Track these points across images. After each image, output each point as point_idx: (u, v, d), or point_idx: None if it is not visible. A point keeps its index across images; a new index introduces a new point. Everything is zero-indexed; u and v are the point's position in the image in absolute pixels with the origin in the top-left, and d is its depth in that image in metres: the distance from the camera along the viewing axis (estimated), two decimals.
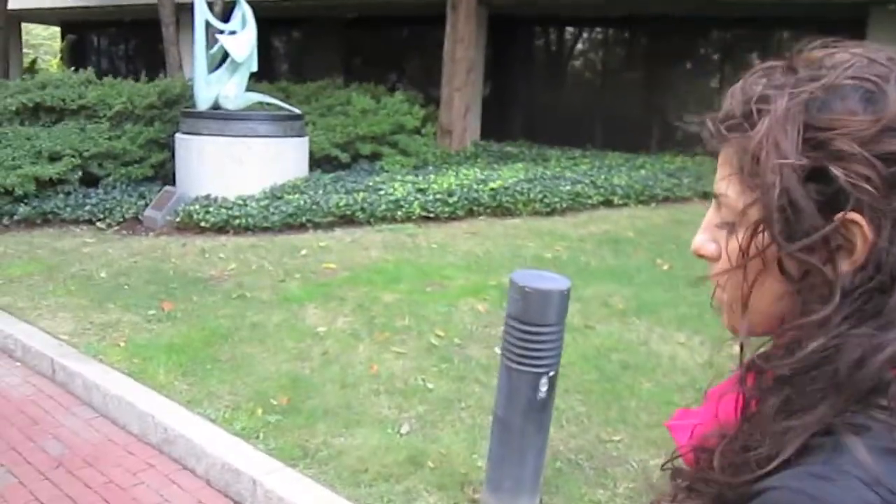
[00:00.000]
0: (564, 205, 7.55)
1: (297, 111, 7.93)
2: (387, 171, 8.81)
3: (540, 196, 7.45)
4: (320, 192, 7.23)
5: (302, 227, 6.84)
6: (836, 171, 0.58)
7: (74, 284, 5.55)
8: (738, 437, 0.63)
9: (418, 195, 7.24)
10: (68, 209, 7.32)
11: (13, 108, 7.94)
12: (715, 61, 14.52)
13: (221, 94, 7.43)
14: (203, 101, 7.43)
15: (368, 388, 3.88)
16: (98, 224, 7.26)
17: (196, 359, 4.26)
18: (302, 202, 6.86)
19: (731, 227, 0.66)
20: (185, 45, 17.04)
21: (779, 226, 0.60)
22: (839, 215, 0.58)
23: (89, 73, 8.42)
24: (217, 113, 7.40)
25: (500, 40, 14.79)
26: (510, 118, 15.33)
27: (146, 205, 7.45)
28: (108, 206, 7.37)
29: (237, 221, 6.73)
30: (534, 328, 2.64)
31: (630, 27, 14.62)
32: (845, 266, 0.59)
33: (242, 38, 7.38)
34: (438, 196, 7.18)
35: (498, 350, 4.27)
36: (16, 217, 7.25)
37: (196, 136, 7.32)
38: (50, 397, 4.16)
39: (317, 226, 6.86)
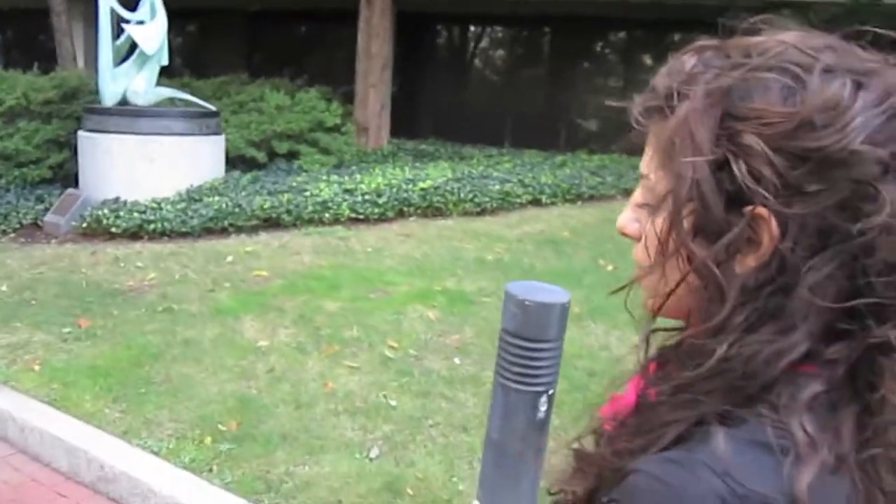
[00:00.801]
0: (494, 204, 7.42)
1: (212, 108, 7.45)
2: (306, 171, 8.43)
3: (470, 196, 7.28)
4: (241, 193, 6.81)
5: (224, 232, 6.41)
6: (736, 166, 0.57)
7: None
8: (629, 424, 0.65)
9: (346, 196, 6.93)
10: None
11: None
12: (618, 61, 14.84)
13: (130, 89, 6.87)
14: (109, 97, 6.85)
15: (325, 408, 3.59)
16: None
17: (126, 382, 3.84)
18: (223, 205, 6.43)
19: (651, 209, 0.66)
20: (75, 37, 16.01)
21: (688, 220, 0.60)
22: (748, 209, 0.57)
23: None
24: (126, 109, 6.84)
25: (406, 37, 14.58)
26: (419, 116, 15.15)
27: (46, 209, 6.81)
28: (2, 211, 6.69)
29: (152, 226, 6.24)
30: (534, 344, 2.43)
31: (538, 26, 14.72)
32: (751, 262, 0.59)
33: (152, 29, 6.85)
34: (367, 197, 6.90)
35: (458, 360, 4.09)
36: None
37: (102, 134, 6.74)
38: None
39: (240, 230, 6.44)
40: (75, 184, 7.22)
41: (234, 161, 8.21)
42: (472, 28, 15.91)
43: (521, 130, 14.17)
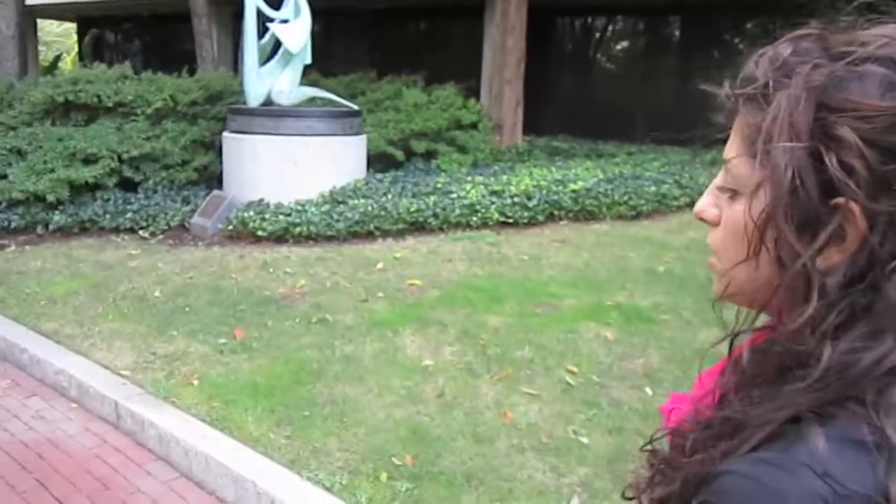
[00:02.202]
0: (650, 207, 6.86)
1: (355, 107, 7.23)
2: (444, 171, 8.12)
3: (625, 198, 6.75)
4: (388, 195, 6.53)
5: (369, 236, 6.16)
6: (828, 158, 0.56)
7: (127, 306, 4.88)
8: (712, 425, 0.63)
9: (493, 198, 6.54)
10: (108, 216, 6.65)
11: (42, 105, 7.27)
12: (754, 50, 13.70)
13: (275, 89, 6.73)
14: (254, 97, 6.73)
15: (508, 444, 3.19)
16: (141, 233, 6.59)
17: (288, 402, 3.58)
18: (369, 208, 6.17)
19: (733, 194, 0.65)
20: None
21: (785, 210, 0.58)
22: (837, 200, 0.57)
23: (126, 67, 7.73)
24: (270, 110, 6.70)
25: (533, 31, 14.10)
26: (545, 112, 14.62)
27: (192, 211, 6.77)
28: (150, 212, 6.69)
29: (297, 229, 6.05)
30: None
31: (667, 14, 13.88)
32: (835, 256, 0.58)
33: (296, 28, 6.69)
34: (516, 199, 6.49)
35: (649, 391, 3.59)
36: (51, 226, 6.59)
37: (247, 136, 6.63)
38: (117, 450, 3.49)
39: (386, 234, 6.17)
40: (220, 185, 7.17)
41: (372, 160, 7.99)
42: (597, 20, 15.23)
43: (653, 125, 13.41)
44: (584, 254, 5.62)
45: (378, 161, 8.05)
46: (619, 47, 15.77)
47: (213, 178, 7.42)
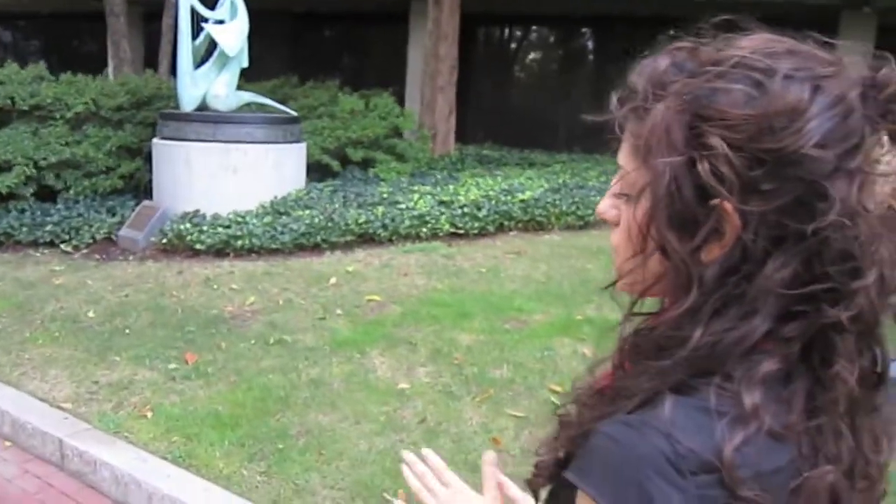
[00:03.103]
0: (597, 217, 6.82)
1: (294, 113, 6.91)
2: (383, 180, 7.89)
3: (572, 208, 6.70)
4: (333, 206, 6.25)
5: (316, 249, 5.87)
6: (700, 165, 0.61)
7: (58, 328, 4.45)
8: (605, 394, 0.72)
9: (442, 209, 6.37)
10: (24, 229, 6.11)
11: None
12: None
13: (210, 93, 6.35)
14: (189, 101, 6.33)
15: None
16: (63, 247, 6.07)
17: (257, 434, 3.29)
18: (315, 219, 5.88)
19: (627, 199, 0.70)
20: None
21: (664, 213, 0.64)
22: (713, 201, 0.62)
23: (41, 67, 7.17)
24: (206, 115, 6.31)
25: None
26: (469, 120, 14.59)
27: (120, 223, 6.31)
28: (73, 224, 6.19)
29: (239, 242, 5.70)
30: None
31: (593, 26, 14.11)
32: (716, 251, 0.64)
33: (234, 29, 6.33)
34: (466, 210, 6.33)
35: None
36: None
37: (181, 142, 6.23)
38: (64, 494, 3.13)
39: (333, 246, 5.89)
40: (148, 195, 6.72)
41: (308, 170, 7.67)
42: (518, 29, 15.35)
43: (576, 133, 13.61)
44: (542, 265, 5.51)
45: (313, 170, 7.74)
46: (540, 57, 15.92)
47: (140, 188, 6.96)
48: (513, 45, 15.83)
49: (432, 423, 3.37)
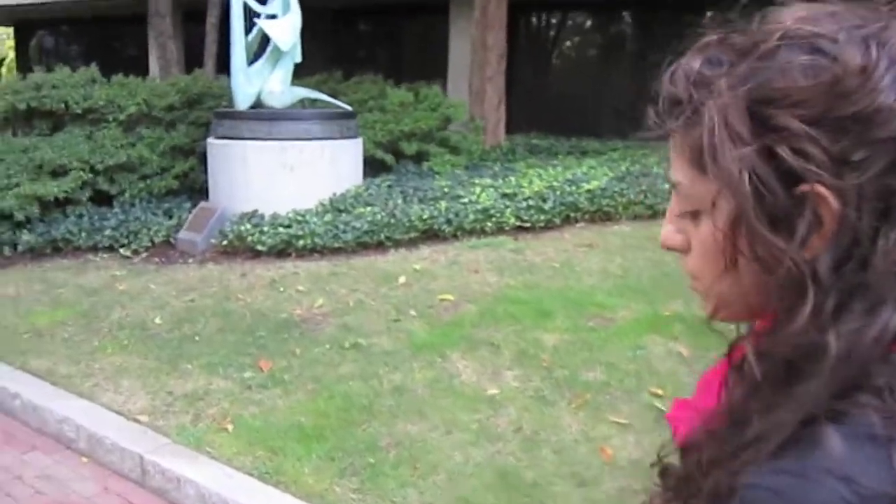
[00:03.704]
0: (665, 206, 6.52)
1: (348, 108, 6.73)
2: (438, 173, 7.68)
3: (640, 197, 6.42)
4: (394, 202, 6.06)
5: (380, 246, 5.68)
6: (781, 150, 0.55)
7: (126, 336, 4.33)
8: (725, 437, 0.60)
9: (506, 202, 6.13)
10: (83, 234, 6.03)
11: (1, 113, 6.59)
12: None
13: (265, 90, 6.20)
14: (243, 99, 6.18)
15: (616, 486, 2.79)
16: (122, 251, 5.98)
17: (345, 447, 3.11)
18: (377, 216, 5.70)
19: (694, 216, 0.64)
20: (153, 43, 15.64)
21: (753, 213, 0.57)
22: (800, 188, 0.55)
23: (93, 70, 7.09)
24: (262, 113, 6.16)
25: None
26: (514, 110, 14.34)
27: (178, 225, 6.20)
28: (131, 228, 6.09)
29: (301, 242, 5.54)
30: None
31: (635, 9, 13.71)
32: (816, 243, 0.56)
33: (286, 23, 6.17)
34: (531, 202, 6.09)
35: None
36: (19, 247, 5.94)
37: (237, 141, 6.08)
38: None
39: (397, 243, 5.70)
40: (204, 195, 6.61)
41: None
42: (560, 15, 15.01)
43: (622, 121, 13.26)
44: (617, 258, 5.26)
45: (367, 165, 7.56)
46: (582, 43, 15.57)
47: (195, 188, 6.85)
48: (552, 32, 15.49)
49: (529, 432, 3.16)
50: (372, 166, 7.64)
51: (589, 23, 15.13)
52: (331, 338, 4.15)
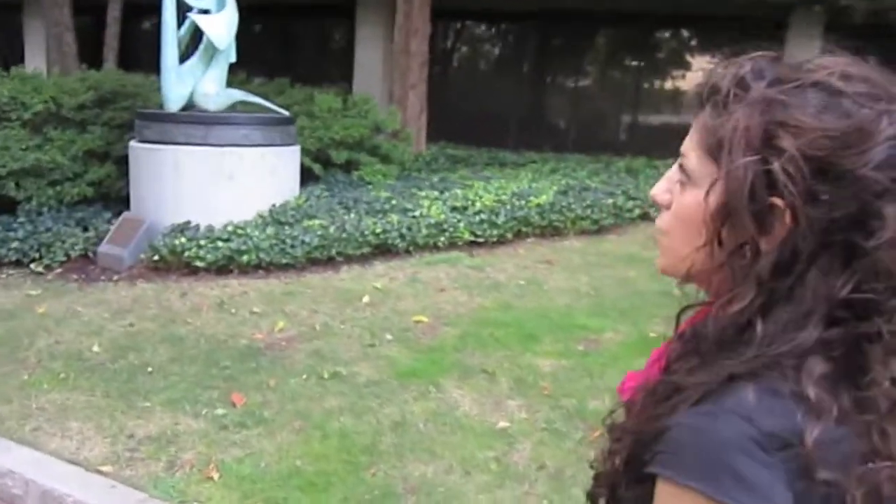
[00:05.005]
0: (610, 221, 6.54)
1: (286, 113, 6.31)
2: (369, 184, 7.37)
3: (587, 212, 6.37)
4: (348, 215, 5.70)
5: (330, 262, 5.32)
6: (775, 166, 0.66)
7: (62, 368, 3.78)
8: (657, 390, 0.73)
9: (457, 216, 5.92)
10: None
11: None
12: (664, 61, 13.78)
13: (199, 92, 5.68)
14: (175, 100, 5.64)
15: None
16: (33, 266, 5.31)
17: (358, 496, 2.78)
18: (330, 230, 5.33)
19: (683, 185, 0.75)
20: (33, 33, 14.35)
21: (736, 207, 0.68)
22: (773, 198, 0.67)
23: None
24: (197, 116, 5.64)
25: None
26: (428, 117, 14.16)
27: (97, 238, 5.58)
28: (42, 240, 5.42)
29: (245, 258, 5.10)
30: None
31: (544, 22, 13.86)
32: (765, 244, 0.68)
33: (222, 20, 5.69)
34: (483, 216, 5.90)
35: None
36: None
37: (167, 146, 5.54)
38: None
39: (349, 258, 5.36)
40: (123, 204, 6.01)
41: None
42: (473, 25, 15.01)
43: (534, 133, 13.40)
44: (582, 276, 5.14)
45: None
46: (491, 53, 15.61)
47: (111, 197, 6.22)
48: (461, 43, 15.45)
49: (553, 470, 2.94)
50: (300, 175, 7.22)
51: (499, 34, 15.17)
52: (305, 366, 3.78)
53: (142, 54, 14.33)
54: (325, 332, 4.17)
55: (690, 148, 0.74)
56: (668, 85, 12.93)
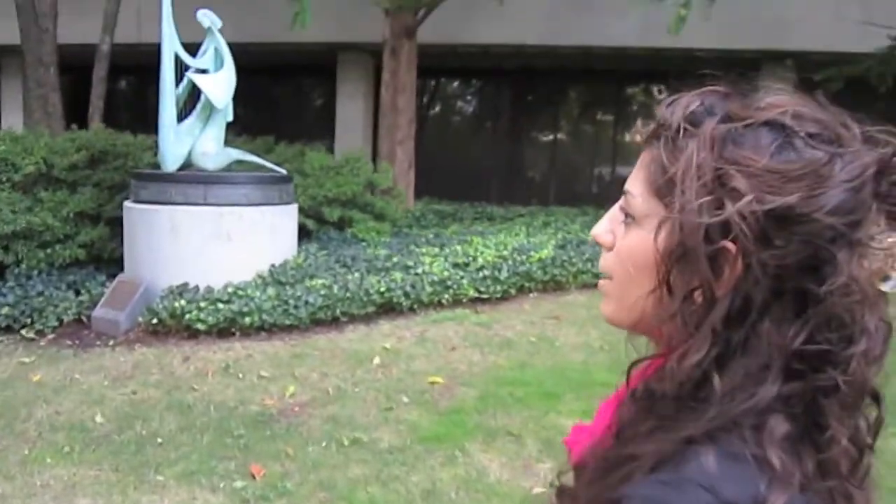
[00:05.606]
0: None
1: (284, 171, 6.24)
2: (363, 241, 7.30)
3: (588, 266, 6.34)
4: (351, 275, 5.60)
5: (335, 322, 5.20)
6: (728, 206, 0.61)
7: (65, 441, 3.59)
8: (610, 455, 0.66)
9: (460, 272, 5.85)
10: None
11: None
12: (637, 114, 14.00)
13: (198, 151, 5.60)
14: (173, 160, 5.55)
15: None
16: (24, 332, 5.11)
17: None
18: (334, 289, 5.22)
19: (628, 224, 0.70)
20: (9, 91, 14.23)
21: (687, 251, 0.63)
22: (723, 241, 0.62)
23: None
24: (196, 175, 5.54)
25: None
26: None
27: (91, 301, 5.41)
28: (33, 305, 5.24)
29: (247, 320, 4.96)
30: None
31: (530, 80, 14.08)
32: (718, 290, 0.63)
33: (221, 79, 5.65)
34: (486, 272, 5.84)
35: None
36: None
37: (164, 207, 5.42)
38: None
39: (354, 318, 5.24)
40: (116, 266, 5.85)
41: None
42: (449, 82, 15.21)
43: (510, 187, 13.51)
44: (592, 331, 5.08)
45: None
46: (471, 110, 15.79)
47: (103, 258, 6.05)
48: (438, 98, 15.62)
49: None
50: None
51: (482, 90, 15.36)
52: (322, 433, 3.63)
53: (123, 114, 14.31)
54: (338, 396, 4.03)
55: (635, 185, 0.70)
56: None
